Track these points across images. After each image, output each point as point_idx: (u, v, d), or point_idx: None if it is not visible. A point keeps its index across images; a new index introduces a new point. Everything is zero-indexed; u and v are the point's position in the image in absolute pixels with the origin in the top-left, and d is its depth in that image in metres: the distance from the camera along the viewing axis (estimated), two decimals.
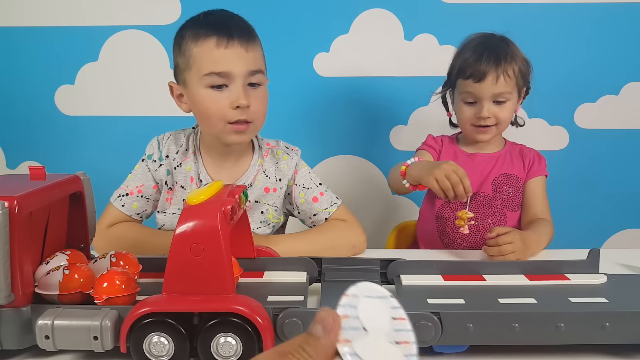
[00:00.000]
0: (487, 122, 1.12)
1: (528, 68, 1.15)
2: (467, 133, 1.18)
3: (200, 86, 0.91)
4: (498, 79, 1.08)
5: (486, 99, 1.10)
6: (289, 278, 0.73)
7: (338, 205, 1.02)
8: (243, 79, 0.91)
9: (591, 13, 1.48)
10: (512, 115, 1.16)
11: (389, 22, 1.51)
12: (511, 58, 1.10)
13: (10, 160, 1.65)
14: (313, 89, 1.54)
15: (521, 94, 1.17)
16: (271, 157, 1.04)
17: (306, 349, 0.30)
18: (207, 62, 0.90)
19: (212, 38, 0.90)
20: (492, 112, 1.11)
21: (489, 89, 1.09)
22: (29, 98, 1.59)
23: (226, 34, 0.90)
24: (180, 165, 1.00)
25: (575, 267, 0.75)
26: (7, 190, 0.58)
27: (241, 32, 0.92)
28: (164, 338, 0.56)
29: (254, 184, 1.01)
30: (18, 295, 0.57)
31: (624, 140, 1.56)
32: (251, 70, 0.92)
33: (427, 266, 0.76)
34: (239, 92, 0.90)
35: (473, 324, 0.58)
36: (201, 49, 0.91)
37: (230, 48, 0.90)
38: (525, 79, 1.15)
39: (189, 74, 0.93)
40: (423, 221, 1.25)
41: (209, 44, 0.90)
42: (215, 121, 0.92)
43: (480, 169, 1.17)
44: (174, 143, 1.02)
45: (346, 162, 1.61)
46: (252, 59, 0.92)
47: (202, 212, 0.58)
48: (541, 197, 1.16)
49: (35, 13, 1.54)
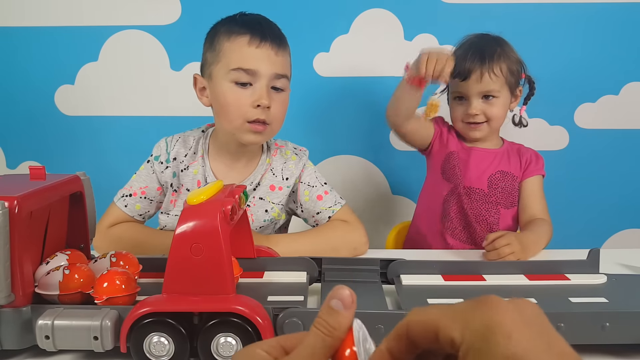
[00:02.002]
0: (476, 119, 1.15)
1: (520, 68, 1.17)
2: (460, 131, 1.20)
3: (226, 80, 0.93)
4: (482, 77, 1.11)
5: (474, 96, 1.14)
6: (289, 278, 0.73)
7: (342, 205, 1.02)
8: (268, 80, 0.92)
9: (591, 13, 1.48)
10: (505, 112, 1.18)
11: (389, 22, 1.51)
12: (498, 57, 1.13)
13: (10, 160, 1.65)
14: (313, 89, 1.54)
15: (515, 92, 1.18)
16: (279, 156, 1.04)
17: (329, 321, 0.29)
18: (237, 57, 0.92)
19: (246, 36, 0.92)
20: (481, 109, 1.14)
21: (474, 87, 1.12)
22: (29, 98, 1.59)
23: (259, 34, 0.92)
24: (187, 168, 1.00)
25: (575, 267, 0.75)
26: (7, 190, 0.58)
27: (274, 35, 0.94)
28: (164, 338, 0.56)
29: (261, 182, 1.01)
30: (18, 295, 0.57)
31: (623, 140, 1.56)
32: (277, 74, 0.93)
33: (427, 266, 0.76)
34: (262, 92, 0.92)
35: None
36: (233, 44, 0.92)
37: (261, 48, 0.92)
38: (517, 78, 1.17)
39: (216, 67, 0.94)
40: (427, 200, 1.26)
41: (241, 41, 0.92)
42: (235, 117, 0.93)
43: (476, 163, 1.18)
44: (182, 145, 1.02)
45: (346, 162, 1.61)
46: (280, 63, 0.94)
47: (202, 212, 0.58)
48: (538, 197, 1.16)
49: (35, 13, 1.54)
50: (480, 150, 1.19)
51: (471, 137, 1.18)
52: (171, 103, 1.56)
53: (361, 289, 0.70)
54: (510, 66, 1.14)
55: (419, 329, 0.27)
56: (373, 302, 0.65)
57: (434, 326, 0.26)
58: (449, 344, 0.25)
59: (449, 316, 0.26)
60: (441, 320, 0.26)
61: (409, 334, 0.28)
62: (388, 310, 0.63)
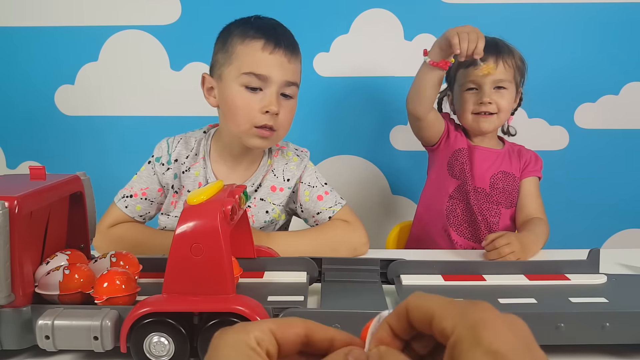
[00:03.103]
0: (488, 109, 1.14)
1: (524, 66, 1.19)
2: (469, 124, 1.19)
3: (236, 83, 0.92)
4: (497, 65, 1.12)
5: (487, 84, 1.13)
6: (289, 278, 0.73)
7: (342, 205, 1.02)
8: (278, 87, 0.92)
9: (591, 13, 1.49)
10: (510, 108, 1.18)
11: (389, 22, 1.51)
12: (509, 51, 1.15)
13: (10, 160, 1.65)
14: (313, 89, 1.54)
15: (518, 91, 1.18)
16: (281, 157, 1.04)
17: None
18: (250, 61, 0.91)
19: (260, 41, 0.91)
20: (494, 99, 1.14)
21: (488, 75, 1.12)
22: (29, 98, 1.59)
23: (274, 40, 0.92)
24: (188, 169, 1.00)
25: (575, 267, 0.75)
26: (7, 190, 0.58)
27: (287, 42, 0.94)
28: (164, 338, 0.56)
29: (262, 183, 1.01)
30: (18, 295, 0.57)
31: (623, 140, 1.56)
32: (288, 81, 0.93)
33: (427, 266, 0.76)
34: (272, 98, 0.91)
35: None
36: (247, 48, 0.92)
37: (274, 54, 0.91)
38: (522, 75, 1.18)
39: (227, 68, 0.93)
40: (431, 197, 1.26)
41: (255, 45, 0.91)
42: (243, 121, 0.93)
43: (480, 162, 1.18)
44: (184, 147, 1.01)
45: (346, 162, 1.61)
46: (292, 70, 0.94)
47: (202, 212, 0.58)
48: (535, 196, 1.17)
49: (35, 13, 1.54)
50: (483, 150, 1.20)
51: (480, 129, 1.17)
52: (171, 103, 1.56)
53: (361, 289, 0.70)
54: (518, 63, 1.16)
55: (416, 313, 0.28)
56: (373, 302, 0.65)
57: (430, 314, 0.27)
58: (440, 333, 0.27)
59: (445, 307, 0.27)
60: (437, 310, 0.27)
61: (407, 314, 0.29)
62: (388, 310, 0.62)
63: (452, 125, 1.23)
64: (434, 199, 1.24)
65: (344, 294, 0.68)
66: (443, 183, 1.21)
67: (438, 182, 1.23)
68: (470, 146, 1.20)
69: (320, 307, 0.66)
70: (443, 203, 1.21)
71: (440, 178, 1.22)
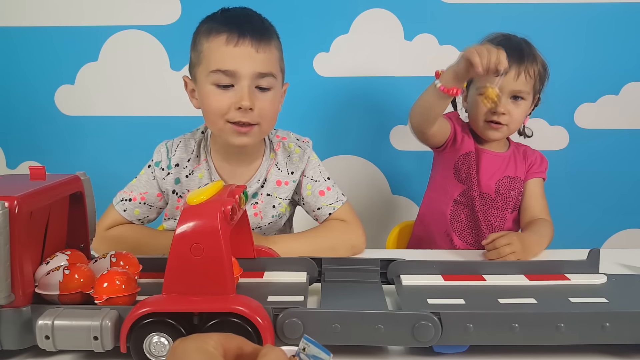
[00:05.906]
0: (501, 120, 1.11)
1: (546, 73, 1.15)
2: (479, 130, 1.16)
3: (207, 82, 0.89)
4: (519, 76, 1.08)
5: (504, 95, 1.09)
6: (289, 278, 0.73)
7: (343, 202, 1.01)
8: (250, 80, 0.88)
9: (591, 13, 1.48)
10: (523, 118, 1.16)
11: (389, 22, 1.51)
12: (533, 58, 1.11)
13: (10, 160, 1.65)
14: (313, 89, 1.54)
15: (534, 99, 1.16)
16: (283, 150, 1.03)
17: None
18: (215, 58, 0.88)
19: (223, 34, 0.88)
20: (508, 110, 1.10)
21: (509, 84, 1.08)
22: (29, 98, 1.59)
23: (237, 31, 0.87)
24: (192, 173, 0.99)
25: (575, 267, 0.75)
26: (7, 190, 0.58)
27: (254, 31, 0.88)
28: (164, 338, 0.56)
29: (268, 178, 1.00)
30: (18, 295, 0.57)
31: (623, 140, 1.56)
32: (260, 73, 0.88)
33: (427, 266, 0.76)
34: (243, 93, 0.87)
35: (473, 324, 0.58)
36: (211, 44, 0.88)
37: (239, 46, 0.87)
38: (543, 83, 1.15)
39: (198, 69, 0.91)
40: (434, 200, 1.23)
41: (218, 41, 0.88)
42: (215, 118, 0.90)
43: (486, 167, 1.17)
44: (184, 150, 1.00)
45: (346, 162, 1.61)
46: (263, 60, 0.89)
47: (202, 212, 0.57)
48: (540, 197, 1.16)
49: (35, 13, 1.54)
50: (490, 154, 1.17)
51: (489, 137, 1.15)
52: (171, 103, 1.56)
53: (361, 289, 0.70)
54: (540, 70, 1.12)
55: None
56: (373, 302, 0.65)
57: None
58: None
59: None
60: None
61: None
62: (388, 311, 0.62)
63: (459, 126, 1.19)
64: (437, 202, 1.22)
65: (344, 294, 0.68)
66: (448, 186, 1.19)
67: (443, 184, 1.21)
68: (477, 149, 1.17)
69: (320, 307, 0.66)
70: (447, 207, 1.19)
71: (445, 180, 1.20)
